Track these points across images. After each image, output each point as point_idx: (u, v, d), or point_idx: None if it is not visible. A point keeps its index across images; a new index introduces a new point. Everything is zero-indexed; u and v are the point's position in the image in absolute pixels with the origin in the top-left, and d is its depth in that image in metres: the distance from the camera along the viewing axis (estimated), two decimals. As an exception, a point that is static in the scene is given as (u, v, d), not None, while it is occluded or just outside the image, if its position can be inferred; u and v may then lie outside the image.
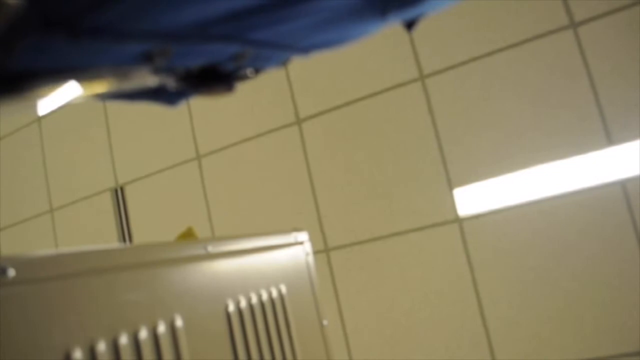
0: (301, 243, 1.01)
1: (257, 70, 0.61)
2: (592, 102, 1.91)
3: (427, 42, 2.17)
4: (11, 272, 0.43)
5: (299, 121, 2.42)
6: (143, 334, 0.55)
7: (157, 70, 0.50)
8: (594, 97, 1.91)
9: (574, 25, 1.94)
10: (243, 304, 0.75)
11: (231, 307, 0.72)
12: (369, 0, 0.50)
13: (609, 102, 1.89)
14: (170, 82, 0.56)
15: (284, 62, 0.62)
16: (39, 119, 3.14)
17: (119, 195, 2.87)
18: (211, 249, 0.72)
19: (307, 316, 0.95)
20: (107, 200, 2.90)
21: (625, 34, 1.87)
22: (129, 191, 2.85)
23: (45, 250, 0.48)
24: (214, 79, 0.57)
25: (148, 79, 0.52)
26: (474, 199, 2.09)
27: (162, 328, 0.57)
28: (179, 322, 0.60)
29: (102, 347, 0.49)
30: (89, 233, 2.96)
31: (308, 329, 0.93)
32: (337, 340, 2.30)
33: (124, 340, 0.52)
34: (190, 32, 0.44)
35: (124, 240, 2.83)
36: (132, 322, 0.54)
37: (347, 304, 2.31)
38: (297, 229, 1.01)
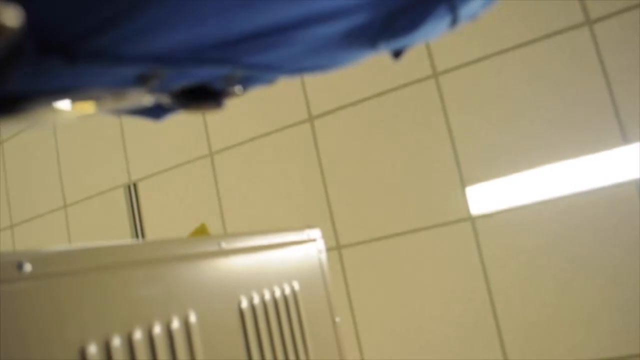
0: (314, 240, 1.01)
1: (246, 89, 0.61)
2: (607, 100, 1.89)
3: (440, 39, 2.15)
4: (28, 267, 0.43)
5: (311, 118, 2.42)
6: (157, 329, 0.55)
7: (151, 91, 0.51)
8: (609, 95, 1.89)
9: (589, 22, 1.92)
10: (256, 300, 0.75)
11: (244, 304, 0.72)
12: (361, 30, 0.51)
13: (625, 100, 1.87)
14: (163, 100, 0.56)
15: (272, 82, 0.63)
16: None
17: (132, 192, 2.89)
18: (225, 245, 0.72)
19: (320, 313, 0.95)
20: (120, 197, 2.92)
21: (642, 31, 1.85)
22: (142, 188, 2.87)
23: (61, 245, 0.48)
24: (203, 96, 0.58)
25: (144, 99, 0.52)
26: (486, 197, 2.08)
27: (176, 324, 0.58)
28: (192, 318, 0.60)
29: (117, 342, 0.50)
30: (102, 229, 2.98)
31: (320, 326, 0.93)
32: (349, 337, 2.30)
33: (138, 335, 0.52)
34: (183, 56, 0.45)
35: (137, 236, 2.85)
36: (147, 318, 0.54)
37: (359, 301, 2.31)
38: (310, 226, 1.01)
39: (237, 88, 0.59)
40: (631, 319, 1.85)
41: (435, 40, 2.15)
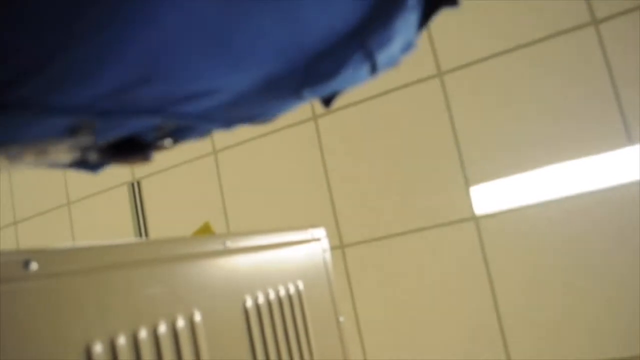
0: (318, 239, 1.01)
1: (176, 141, 0.61)
2: (612, 100, 1.89)
3: (445, 38, 2.15)
4: (34, 266, 0.43)
5: (315, 117, 2.42)
6: (162, 328, 0.55)
7: (75, 146, 0.50)
8: (615, 95, 1.88)
9: (595, 22, 1.91)
10: (261, 299, 0.75)
11: (249, 303, 0.72)
12: (281, 80, 0.51)
13: (630, 100, 1.86)
14: (91, 156, 0.55)
15: (206, 134, 0.62)
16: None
17: (135, 190, 2.89)
18: (230, 244, 0.72)
19: (324, 312, 0.95)
20: (123, 195, 2.93)
21: (648, 31, 1.84)
22: (145, 186, 2.87)
23: (67, 243, 0.48)
24: (131, 150, 0.57)
25: (64, 155, 0.51)
26: (491, 197, 2.08)
27: (181, 323, 0.57)
28: (197, 317, 0.60)
29: (122, 341, 0.49)
30: (106, 227, 2.98)
31: (324, 325, 0.93)
32: (352, 337, 2.30)
33: (143, 334, 0.52)
34: (111, 106, 0.44)
35: (140, 234, 2.85)
36: (152, 317, 0.54)
37: (362, 301, 2.31)
38: (314, 226, 1.01)
39: (167, 141, 0.59)
40: (635, 319, 1.84)
41: (440, 39, 2.15)
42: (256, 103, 0.55)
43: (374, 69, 0.56)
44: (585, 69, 1.93)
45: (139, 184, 2.89)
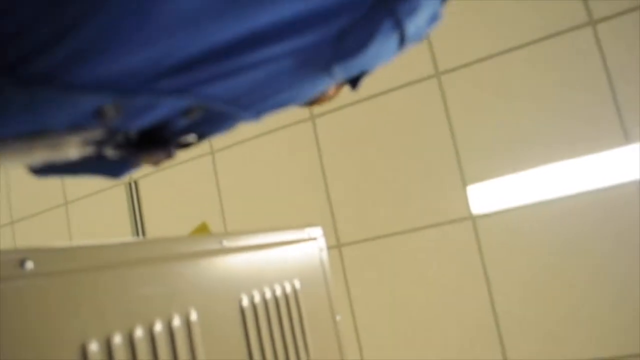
0: (315, 238, 1.01)
1: (200, 137, 0.60)
2: (609, 100, 1.89)
3: (443, 39, 2.15)
4: (30, 265, 0.43)
5: (312, 117, 2.42)
6: (158, 327, 0.55)
7: (92, 139, 0.49)
8: (612, 95, 1.89)
9: (592, 22, 1.91)
10: (257, 298, 0.75)
11: (245, 302, 0.72)
12: (313, 52, 0.50)
13: (627, 100, 1.87)
14: (108, 151, 0.54)
15: (231, 126, 0.62)
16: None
17: (132, 190, 2.89)
18: (226, 243, 0.72)
19: (321, 311, 0.95)
20: (121, 194, 2.92)
21: (645, 32, 1.85)
22: (142, 185, 2.87)
23: (63, 243, 0.48)
24: (153, 146, 0.55)
25: (78, 150, 0.50)
26: (487, 196, 2.08)
27: (177, 322, 0.58)
28: (193, 316, 0.60)
29: (118, 340, 0.50)
30: (103, 227, 2.98)
31: (321, 324, 0.93)
32: (349, 336, 2.30)
33: (139, 333, 0.52)
34: (138, 85, 0.43)
35: (137, 234, 2.85)
36: (148, 316, 0.54)
37: (359, 300, 2.31)
38: (311, 225, 1.01)
39: (191, 136, 0.58)
40: (631, 318, 1.85)
41: (437, 39, 2.15)
42: (286, 83, 0.55)
43: (402, 41, 0.55)
44: (583, 69, 1.94)
45: (136, 183, 2.88)
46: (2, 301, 0.40)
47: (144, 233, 2.84)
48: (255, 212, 2.55)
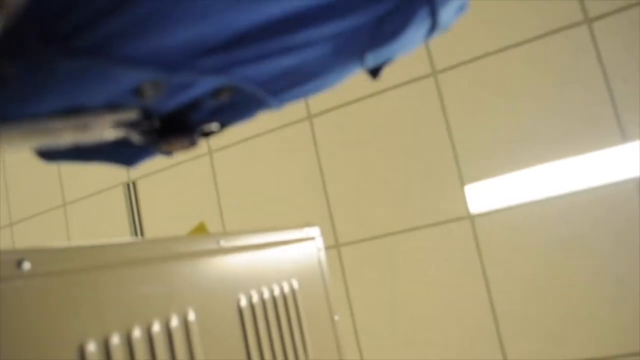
0: (313, 238, 1.01)
1: (223, 125, 0.60)
2: (606, 98, 1.89)
3: (440, 38, 2.15)
4: (27, 265, 0.43)
5: (310, 117, 2.42)
6: (156, 327, 0.55)
7: (121, 122, 0.50)
8: (608, 93, 1.89)
9: (588, 20, 1.92)
10: (255, 298, 0.75)
11: (243, 302, 0.72)
12: (351, 36, 0.50)
13: (624, 98, 1.87)
14: (134, 136, 0.54)
15: (255, 113, 0.62)
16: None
17: (131, 190, 2.89)
18: (224, 243, 0.72)
19: (319, 311, 0.95)
20: (119, 195, 2.92)
21: (641, 30, 1.85)
22: (141, 186, 2.86)
23: (60, 243, 0.48)
24: (177, 132, 0.56)
25: (107, 132, 0.50)
26: (485, 195, 2.08)
27: (175, 322, 0.58)
28: (191, 316, 0.60)
29: (115, 340, 0.50)
30: (101, 227, 2.97)
31: (319, 324, 0.93)
32: (348, 336, 2.30)
33: (137, 333, 0.52)
34: (179, 61, 0.43)
35: (136, 234, 2.85)
36: (146, 316, 0.54)
37: (358, 300, 2.31)
38: (309, 224, 1.01)
39: (214, 125, 0.58)
40: (630, 317, 1.85)
41: (434, 38, 2.15)
42: (317, 70, 0.55)
43: (432, 29, 0.56)
44: (579, 67, 1.94)
45: (134, 184, 2.88)
46: (-1, 302, 0.40)
47: (142, 234, 2.84)
48: (253, 211, 2.55)
